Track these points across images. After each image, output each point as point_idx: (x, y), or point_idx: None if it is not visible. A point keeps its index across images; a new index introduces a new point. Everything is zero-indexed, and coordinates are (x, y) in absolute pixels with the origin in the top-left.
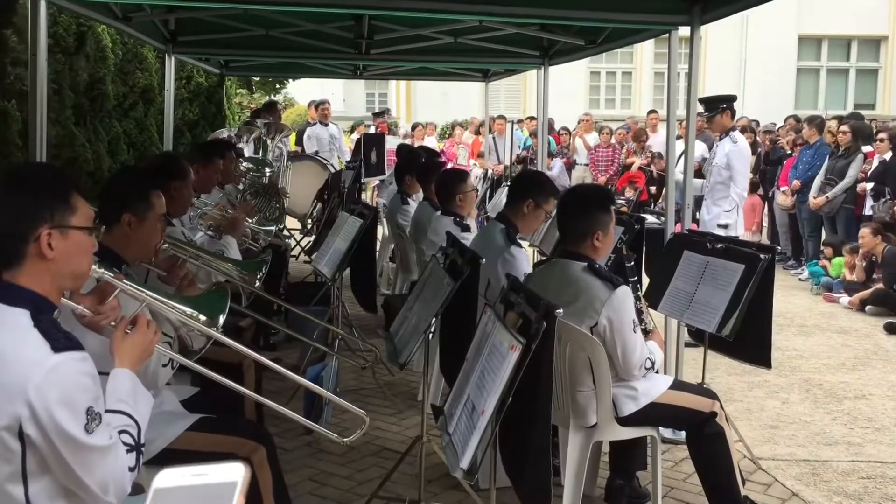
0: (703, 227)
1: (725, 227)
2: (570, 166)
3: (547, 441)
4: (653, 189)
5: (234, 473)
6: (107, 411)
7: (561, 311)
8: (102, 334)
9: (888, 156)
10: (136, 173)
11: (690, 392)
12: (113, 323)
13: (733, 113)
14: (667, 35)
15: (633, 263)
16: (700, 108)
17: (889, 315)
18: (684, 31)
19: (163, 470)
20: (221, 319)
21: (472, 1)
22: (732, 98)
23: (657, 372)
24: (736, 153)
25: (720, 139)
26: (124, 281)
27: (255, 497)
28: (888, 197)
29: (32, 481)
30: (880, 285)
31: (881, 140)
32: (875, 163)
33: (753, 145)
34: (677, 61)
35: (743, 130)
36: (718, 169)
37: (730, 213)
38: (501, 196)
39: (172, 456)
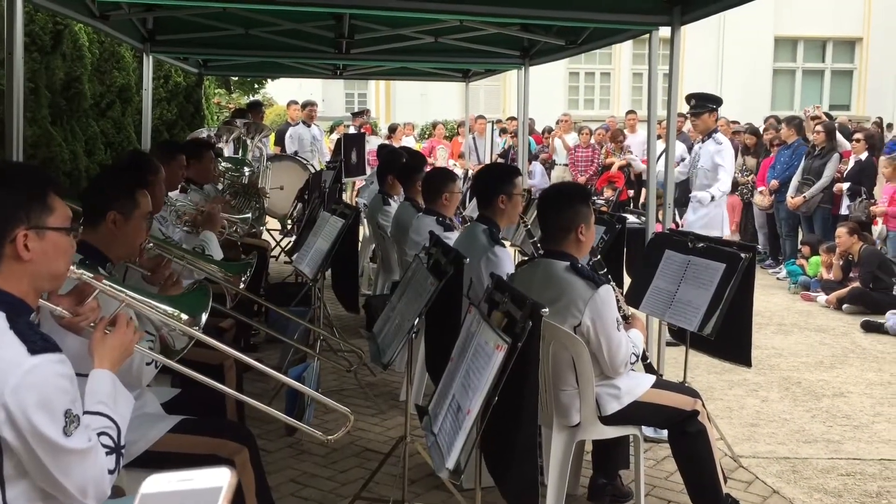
0: (688, 229)
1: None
2: (549, 164)
3: (533, 440)
4: (631, 192)
5: (219, 478)
6: (85, 413)
7: (547, 310)
8: (82, 335)
9: (864, 156)
10: (121, 172)
11: (673, 391)
12: (92, 324)
13: (717, 115)
14: (645, 36)
15: (598, 257)
16: (680, 107)
17: (865, 313)
18: (664, 31)
19: (150, 475)
20: (204, 318)
21: (453, 0)
22: (720, 101)
23: (647, 355)
24: (720, 154)
25: (703, 141)
26: (104, 281)
27: (238, 498)
28: (864, 196)
29: (10, 485)
30: (857, 284)
31: (857, 140)
32: (851, 163)
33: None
34: (657, 62)
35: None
36: (704, 171)
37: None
38: None
39: (154, 458)
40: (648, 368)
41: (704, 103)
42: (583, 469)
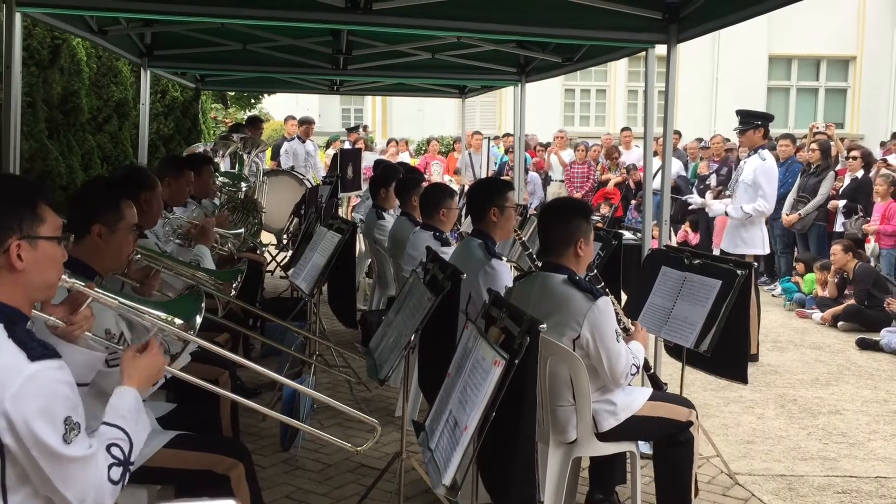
0: (727, 238)
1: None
2: (544, 179)
3: (531, 456)
4: (633, 202)
5: None
6: (104, 423)
7: (545, 325)
8: (76, 344)
9: (860, 174)
10: (105, 183)
11: (668, 401)
12: (87, 332)
13: (766, 132)
14: (641, 54)
15: (595, 272)
16: (676, 124)
17: (860, 331)
18: (660, 49)
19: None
20: (198, 320)
21: (451, 17)
22: (769, 117)
23: (650, 366)
24: (762, 170)
25: (748, 156)
26: (96, 289)
27: None
28: (860, 214)
29: (12, 493)
30: (852, 301)
31: (854, 158)
32: (847, 180)
33: None
34: (654, 80)
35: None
36: (745, 185)
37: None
38: None
39: (149, 473)
40: (653, 379)
41: (750, 120)
42: (579, 485)
